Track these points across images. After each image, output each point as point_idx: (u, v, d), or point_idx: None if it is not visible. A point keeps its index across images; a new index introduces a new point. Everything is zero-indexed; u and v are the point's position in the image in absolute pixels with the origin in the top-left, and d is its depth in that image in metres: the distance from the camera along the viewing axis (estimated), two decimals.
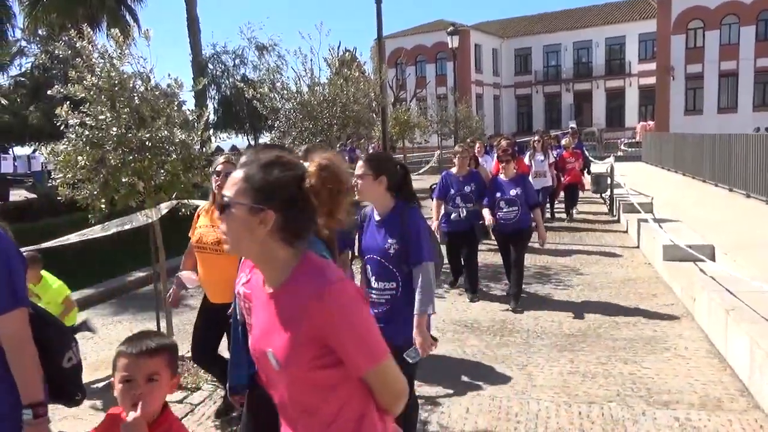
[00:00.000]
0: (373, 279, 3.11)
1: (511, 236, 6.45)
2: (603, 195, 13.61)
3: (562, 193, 11.77)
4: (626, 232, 10.28)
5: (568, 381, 4.43)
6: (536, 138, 10.94)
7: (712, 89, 36.48)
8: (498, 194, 6.45)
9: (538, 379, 4.48)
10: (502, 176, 6.60)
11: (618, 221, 11.38)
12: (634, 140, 33.53)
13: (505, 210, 6.40)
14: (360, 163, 3.02)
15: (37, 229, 8.98)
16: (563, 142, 12.38)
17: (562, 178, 11.38)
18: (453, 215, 6.57)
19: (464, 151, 6.81)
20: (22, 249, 4.80)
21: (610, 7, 47.52)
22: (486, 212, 6.49)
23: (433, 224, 6.45)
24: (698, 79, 36.63)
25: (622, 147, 32.34)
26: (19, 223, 9.44)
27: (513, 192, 6.39)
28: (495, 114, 47.57)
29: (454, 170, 6.77)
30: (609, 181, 12.45)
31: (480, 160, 9.18)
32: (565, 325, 5.70)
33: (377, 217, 3.10)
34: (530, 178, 9.94)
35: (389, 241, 3.00)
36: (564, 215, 11.85)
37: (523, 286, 7.09)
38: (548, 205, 11.38)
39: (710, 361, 4.70)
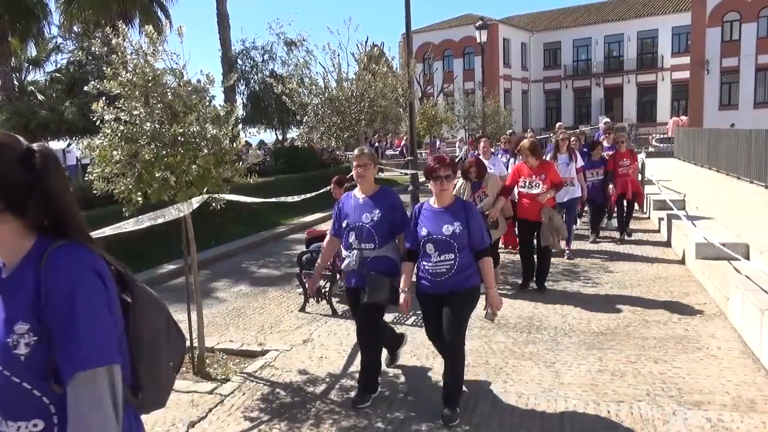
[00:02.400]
0: None
1: (444, 302, 3.88)
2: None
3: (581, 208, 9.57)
4: (658, 229, 10.10)
5: (597, 379, 4.39)
6: (559, 134, 8.86)
7: (748, 83, 35.50)
8: (424, 232, 3.87)
9: (566, 377, 4.45)
10: (431, 202, 3.98)
11: (649, 218, 11.18)
12: (665, 136, 32.86)
13: (434, 260, 3.83)
14: None
15: None
16: (614, 136, 9.85)
17: (611, 188, 9.08)
18: (345, 261, 4.18)
19: (362, 155, 4.11)
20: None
21: (643, 0, 46.58)
22: (404, 271, 4.00)
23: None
24: (734, 73, 35.67)
25: (654, 143, 31.72)
26: None
27: (448, 229, 3.80)
28: (523, 109, 47.03)
29: (356, 189, 4.29)
30: (640, 177, 12.20)
31: (487, 163, 7.58)
32: (594, 323, 5.64)
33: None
34: None
35: (18, 324, 1.35)
36: (608, 229, 9.83)
37: (550, 283, 7.03)
38: (578, 223, 9.68)
39: (744, 361, 4.60)
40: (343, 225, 4.22)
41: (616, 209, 9.68)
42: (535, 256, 6.88)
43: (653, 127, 39.11)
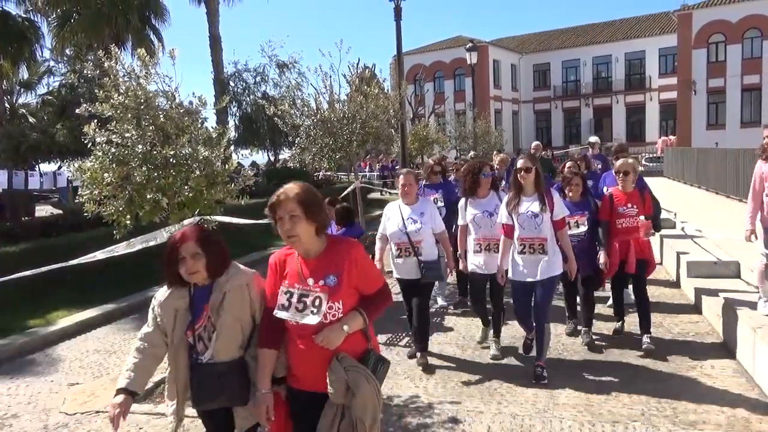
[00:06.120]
0: None
1: None
2: None
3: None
4: None
5: (591, 399, 4.37)
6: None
7: (735, 103, 36.06)
8: None
9: (561, 398, 4.42)
10: None
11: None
12: (654, 155, 33.23)
13: None
14: None
15: (63, 244, 9.13)
16: (618, 164, 5.65)
17: (602, 258, 5.37)
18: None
19: None
20: (49, 266, 4.87)
21: (630, 22, 47.41)
22: None
23: None
24: (720, 93, 36.25)
25: (643, 162, 32.04)
26: (44, 238, 9.62)
27: None
28: (514, 129, 47.48)
29: None
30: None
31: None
32: None
33: None
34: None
35: None
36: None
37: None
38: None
39: (737, 380, 4.60)
40: None
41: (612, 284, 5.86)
42: None
43: (642, 146, 39.56)
